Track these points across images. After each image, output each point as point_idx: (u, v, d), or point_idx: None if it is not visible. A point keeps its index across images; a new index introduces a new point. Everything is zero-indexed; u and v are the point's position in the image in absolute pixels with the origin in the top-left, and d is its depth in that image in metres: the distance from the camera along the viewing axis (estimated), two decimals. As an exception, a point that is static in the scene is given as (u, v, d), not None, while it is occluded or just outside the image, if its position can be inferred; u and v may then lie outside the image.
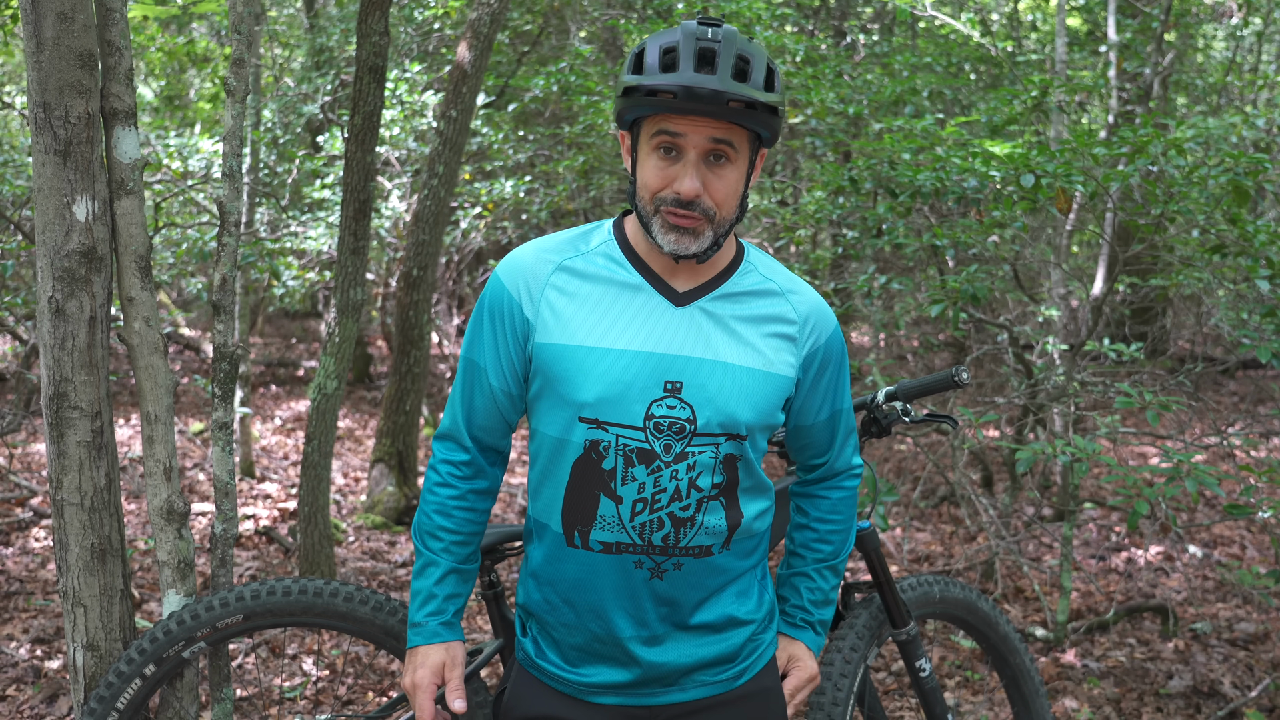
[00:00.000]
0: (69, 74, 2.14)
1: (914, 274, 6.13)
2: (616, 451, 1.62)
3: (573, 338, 1.63)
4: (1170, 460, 3.17)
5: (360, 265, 3.71)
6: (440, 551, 1.77)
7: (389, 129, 7.19)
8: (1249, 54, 10.36)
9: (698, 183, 1.57)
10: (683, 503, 1.63)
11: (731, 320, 1.67)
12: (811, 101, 5.74)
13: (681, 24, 1.59)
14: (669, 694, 1.72)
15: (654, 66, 1.56)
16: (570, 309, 1.65)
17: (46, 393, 2.23)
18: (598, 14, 8.26)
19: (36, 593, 4.30)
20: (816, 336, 1.72)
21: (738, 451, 1.66)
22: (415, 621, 1.78)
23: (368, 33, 3.51)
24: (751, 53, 1.58)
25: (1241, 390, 9.08)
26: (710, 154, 1.58)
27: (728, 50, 1.55)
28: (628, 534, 1.64)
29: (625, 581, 1.66)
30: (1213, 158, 3.83)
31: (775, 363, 1.67)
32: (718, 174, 1.59)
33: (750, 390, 1.64)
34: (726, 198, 1.61)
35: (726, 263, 1.71)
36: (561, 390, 1.64)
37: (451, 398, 1.79)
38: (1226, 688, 3.65)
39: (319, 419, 3.79)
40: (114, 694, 2.23)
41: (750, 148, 1.63)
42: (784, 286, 1.73)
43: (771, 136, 1.63)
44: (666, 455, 1.62)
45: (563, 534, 1.67)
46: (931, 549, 5.18)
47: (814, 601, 1.90)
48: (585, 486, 1.64)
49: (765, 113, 1.57)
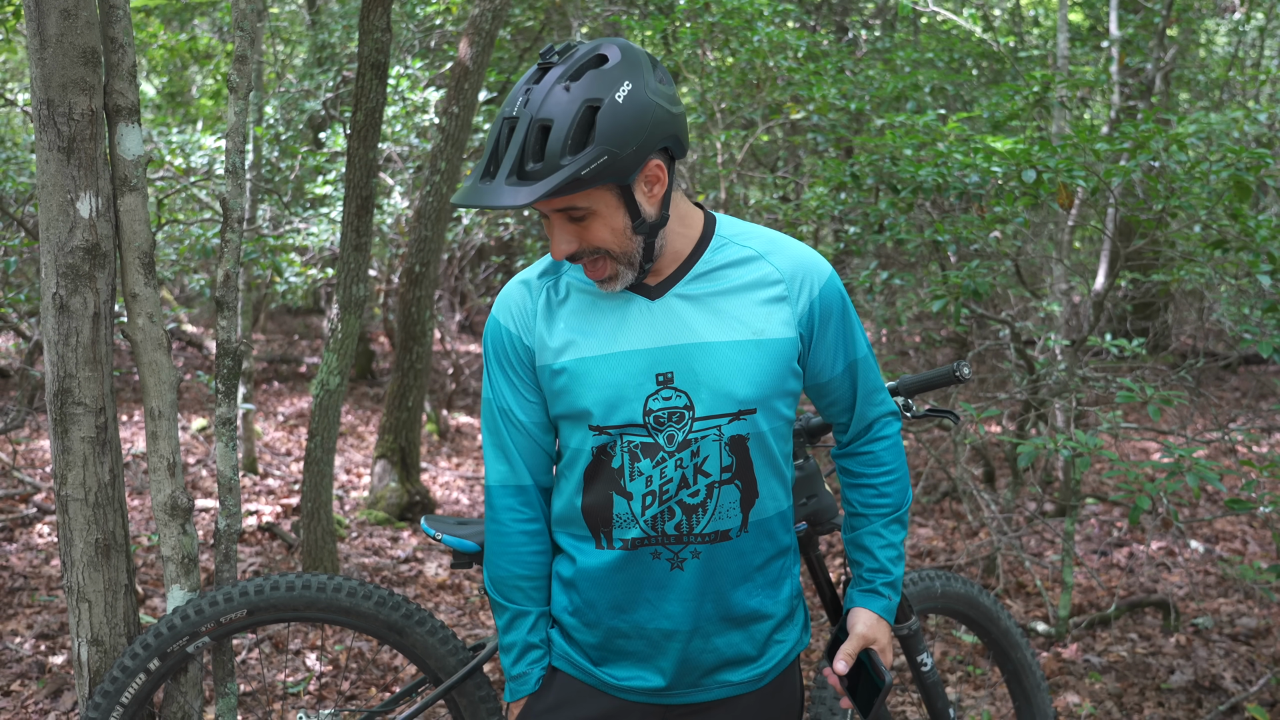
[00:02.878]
0: (72, 71, 2.15)
1: (916, 269, 6.13)
2: (622, 450, 1.64)
3: (566, 354, 1.66)
4: (1172, 455, 3.18)
5: (363, 261, 3.71)
6: (525, 602, 1.76)
7: (391, 125, 7.20)
8: (1251, 49, 10.35)
9: (568, 244, 1.58)
10: (691, 489, 1.64)
11: (710, 298, 1.65)
12: (813, 97, 5.73)
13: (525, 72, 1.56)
14: (690, 693, 1.72)
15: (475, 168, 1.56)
16: (559, 326, 1.68)
17: (50, 389, 2.24)
18: (599, 10, 8.25)
19: (40, 588, 4.31)
20: (809, 290, 1.68)
21: (747, 430, 1.64)
22: (518, 674, 1.76)
23: (370, 29, 3.52)
24: (554, 114, 1.48)
25: (1243, 385, 9.08)
26: (568, 216, 1.57)
27: (516, 139, 1.49)
28: (641, 528, 1.65)
29: (646, 575, 1.67)
30: (1214, 153, 3.83)
31: (766, 329, 1.64)
32: (585, 227, 1.57)
33: (742, 364, 1.63)
34: (607, 239, 1.58)
35: (691, 246, 1.68)
36: (566, 405, 1.67)
37: (487, 453, 1.78)
38: (1228, 682, 3.66)
39: (322, 415, 3.79)
40: (118, 689, 2.24)
41: (612, 189, 1.55)
42: (761, 249, 1.69)
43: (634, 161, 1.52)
44: (669, 445, 1.63)
45: (591, 537, 1.69)
46: (933, 544, 5.19)
47: (890, 559, 1.83)
48: (599, 489, 1.66)
49: (583, 181, 1.48)
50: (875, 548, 1.83)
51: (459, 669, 2.34)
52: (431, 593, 4.57)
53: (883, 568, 1.83)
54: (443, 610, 4.36)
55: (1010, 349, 5.00)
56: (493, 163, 1.52)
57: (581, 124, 1.48)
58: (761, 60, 5.75)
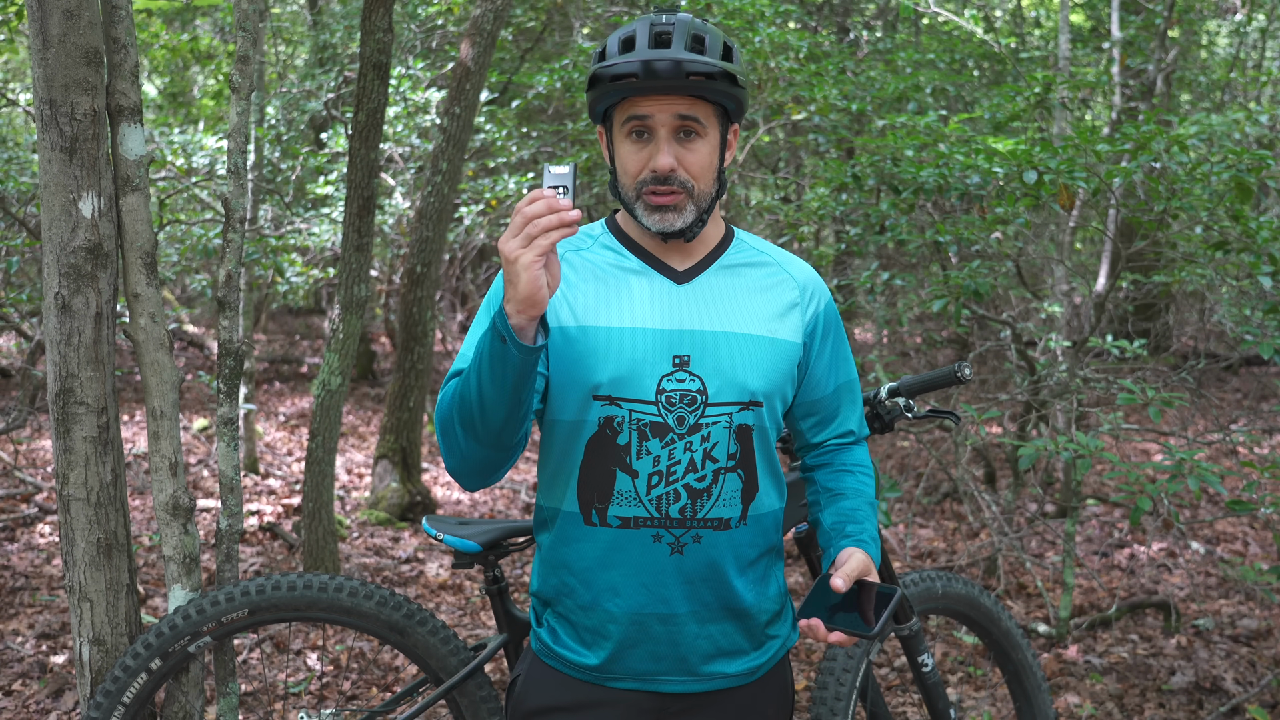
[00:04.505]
0: (75, 71, 2.15)
1: (917, 270, 6.13)
2: (630, 426, 1.65)
3: (581, 320, 1.67)
4: (1173, 457, 3.18)
5: (364, 262, 3.72)
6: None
7: (392, 126, 7.20)
8: (1252, 50, 10.35)
9: (671, 158, 1.62)
10: (698, 474, 1.66)
11: (733, 292, 1.71)
12: (815, 98, 5.74)
13: (639, 18, 1.66)
14: (686, 682, 1.72)
15: (614, 54, 1.63)
16: (577, 295, 1.69)
17: (53, 389, 2.24)
18: (601, 10, 8.26)
19: (42, 588, 4.32)
20: (817, 303, 1.78)
21: (752, 421, 1.68)
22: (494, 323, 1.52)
23: (371, 30, 3.52)
24: (707, 31, 1.63)
25: (1244, 387, 9.08)
26: (679, 130, 1.63)
27: (681, 29, 1.60)
28: (645, 507, 1.65)
29: (645, 557, 1.67)
30: (1216, 154, 3.83)
31: (780, 330, 1.72)
32: (689, 148, 1.64)
33: (758, 358, 1.68)
34: (702, 170, 1.65)
35: (718, 240, 1.77)
36: (575, 373, 1.66)
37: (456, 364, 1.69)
38: (1229, 684, 3.66)
39: (323, 415, 3.80)
40: (120, 688, 2.24)
41: (719, 122, 1.67)
42: (778, 258, 1.80)
43: (738, 108, 1.67)
44: (680, 428, 1.65)
45: (579, 513, 1.69)
46: (934, 545, 5.19)
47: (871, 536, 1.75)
48: (601, 464, 1.66)
49: (726, 82, 1.60)
50: (863, 518, 1.78)
51: (460, 669, 2.35)
52: (433, 593, 4.57)
53: (869, 532, 1.76)
54: (444, 610, 4.37)
55: (1011, 350, 5.00)
56: (661, 43, 1.60)
57: (727, 48, 1.65)
58: (763, 61, 5.75)
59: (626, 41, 1.63)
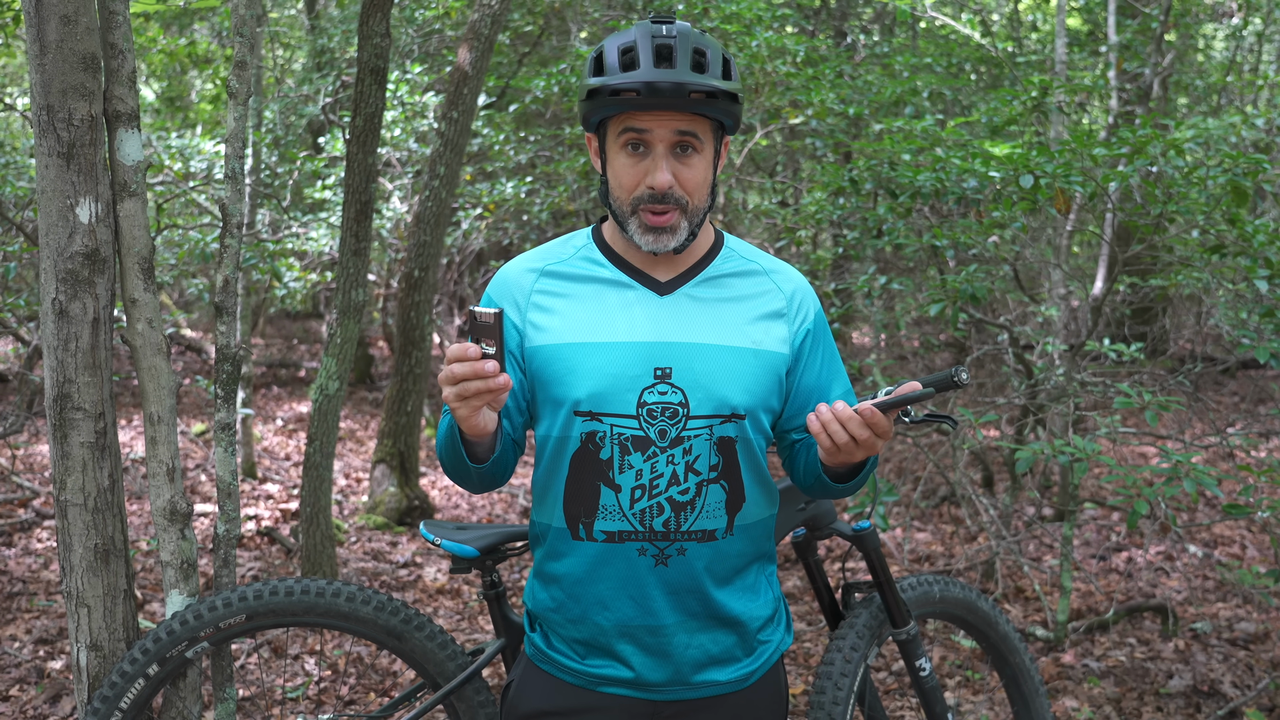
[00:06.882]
0: (72, 77, 2.15)
1: (914, 274, 6.13)
2: (612, 441, 1.65)
3: (561, 337, 1.67)
4: (1170, 460, 3.18)
5: (362, 266, 3.72)
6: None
7: (390, 130, 7.20)
8: (1249, 54, 10.36)
9: (669, 175, 1.62)
10: (681, 486, 1.65)
11: (716, 303, 1.71)
12: (812, 102, 5.75)
13: (636, 24, 1.64)
14: (676, 690, 1.73)
15: (614, 66, 1.61)
16: (557, 311, 1.69)
17: (50, 394, 2.24)
18: (598, 15, 8.26)
19: (39, 593, 4.31)
20: (805, 313, 1.76)
21: (734, 434, 1.68)
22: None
23: (369, 34, 3.52)
24: (707, 45, 1.63)
25: (1241, 390, 9.09)
26: (677, 146, 1.63)
27: (684, 44, 1.60)
28: (629, 521, 1.66)
29: (630, 570, 1.67)
30: (1212, 158, 3.83)
31: (764, 341, 1.71)
32: (686, 164, 1.64)
33: (739, 371, 1.67)
34: (697, 187, 1.65)
35: (705, 250, 1.76)
36: (555, 391, 1.67)
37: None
38: (1226, 687, 3.66)
39: (320, 420, 3.79)
40: (117, 694, 2.24)
41: (714, 136, 1.67)
42: (766, 267, 1.78)
43: (734, 124, 1.68)
44: (662, 441, 1.64)
45: (566, 528, 1.69)
46: (932, 549, 5.19)
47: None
48: (585, 479, 1.66)
49: (726, 100, 1.61)
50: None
51: (458, 674, 2.35)
52: (430, 598, 4.57)
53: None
54: (441, 615, 4.36)
55: (1008, 354, 5.01)
56: (664, 60, 1.59)
57: (727, 62, 1.65)
58: (760, 65, 5.76)
59: (625, 52, 1.61)
